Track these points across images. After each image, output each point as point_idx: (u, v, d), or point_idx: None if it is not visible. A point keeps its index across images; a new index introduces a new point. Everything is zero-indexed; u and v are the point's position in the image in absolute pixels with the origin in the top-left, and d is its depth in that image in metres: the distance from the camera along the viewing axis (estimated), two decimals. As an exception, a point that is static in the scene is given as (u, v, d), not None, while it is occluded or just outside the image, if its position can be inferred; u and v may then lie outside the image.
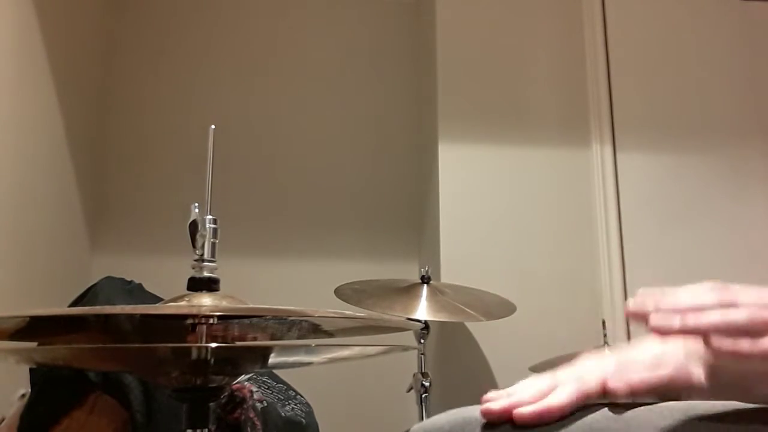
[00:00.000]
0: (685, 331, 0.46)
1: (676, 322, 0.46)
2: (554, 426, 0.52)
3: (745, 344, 0.45)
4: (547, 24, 2.32)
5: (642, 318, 0.48)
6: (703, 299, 0.48)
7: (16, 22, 1.77)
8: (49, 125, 1.99)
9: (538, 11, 2.33)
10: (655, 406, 0.53)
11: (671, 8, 2.36)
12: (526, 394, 0.54)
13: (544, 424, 0.51)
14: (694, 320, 0.46)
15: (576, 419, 0.52)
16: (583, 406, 0.53)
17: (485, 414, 0.54)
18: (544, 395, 0.53)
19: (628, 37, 2.32)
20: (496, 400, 0.54)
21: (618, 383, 0.54)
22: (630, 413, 0.52)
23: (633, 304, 0.49)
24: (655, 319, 0.47)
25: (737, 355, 0.46)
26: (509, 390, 0.55)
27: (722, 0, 2.38)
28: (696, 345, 0.55)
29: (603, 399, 0.54)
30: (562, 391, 0.53)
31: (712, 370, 0.56)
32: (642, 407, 0.52)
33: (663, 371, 0.56)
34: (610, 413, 0.52)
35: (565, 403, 0.53)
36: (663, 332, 0.47)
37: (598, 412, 0.53)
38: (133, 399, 1.17)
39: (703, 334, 0.46)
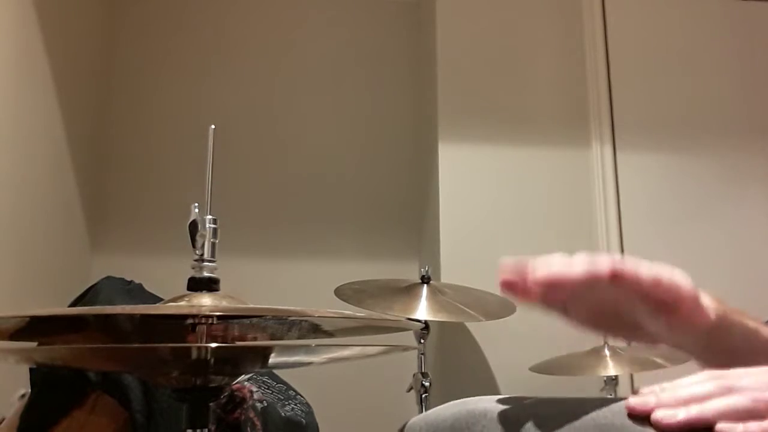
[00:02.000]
0: (690, 423, 0.46)
1: (680, 414, 0.47)
2: (563, 421, 0.52)
3: (753, 427, 0.45)
4: (547, 24, 2.32)
5: (645, 414, 0.48)
6: (703, 389, 0.48)
7: (16, 23, 1.77)
8: (49, 125, 1.99)
9: (538, 11, 2.33)
10: None
11: (671, 8, 2.36)
12: (540, 264, 0.61)
13: (555, 294, 0.58)
14: (697, 411, 0.46)
15: (584, 415, 0.52)
16: (596, 400, 0.54)
17: (501, 274, 0.60)
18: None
19: (628, 37, 2.32)
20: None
21: (625, 269, 0.57)
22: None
23: (634, 402, 0.49)
24: (658, 415, 0.47)
25: None
26: (523, 262, 0.62)
27: (722, 0, 2.38)
28: None
29: (611, 283, 0.57)
30: (573, 259, 0.59)
31: None
32: None
33: (673, 272, 0.60)
34: (617, 407, 0.52)
35: (574, 271, 0.58)
36: (668, 427, 0.47)
37: (605, 408, 0.53)
38: (133, 399, 1.17)
39: (709, 422, 0.47)
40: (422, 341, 1.71)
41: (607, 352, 1.75)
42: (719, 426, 0.46)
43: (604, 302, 0.62)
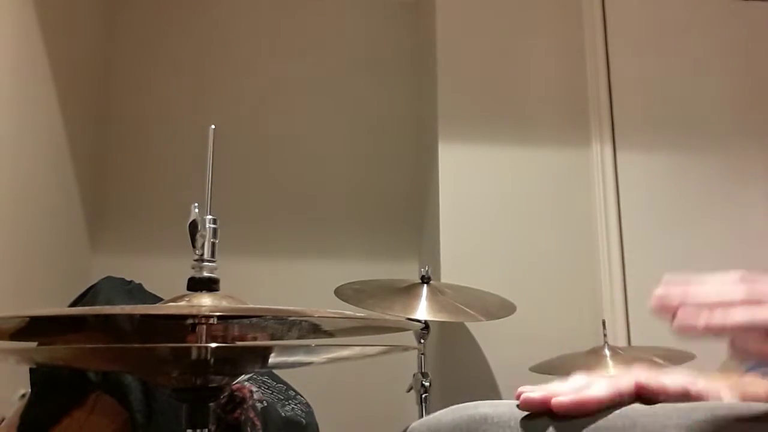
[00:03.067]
0: (710, 331, 0.45)
1: (701, 321, 0.45)
2: (581, 422, 0.52)
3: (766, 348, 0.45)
4: (547, 24, 2.32)
5: (668, 312, 0.47)
6: (730, 293, 0.47)
7: (17, 23, 1.77)
8: (49, 126, 1.99)
9: (538, 11, 2.33)
10: (682, 404, 0.53)
11: (671, 8, 2.36)
12: (563, 387, 0.55)
13: (581, 415, 0.52)
14: (719, 319, 0.45)
15: (603, 415, 0.52)
16: (616, 405, 0.53)
17: (524, 402, 0.55)
18: (581, 390, 0.54)
19: (628, 37, 2.32)
20: (533, 392, 0.55)
21: (651, 381, 0.54)
22: (658, 407, 0.52)
23: (659, 297, 0.48)
24: (680, 317, 0.46)
25: (762, 357, 0.45)
26: (543, 386, 0.56)
27: (722, 0, 2.38)
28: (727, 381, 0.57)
29: (635, 399, 0.55)
30: (598, 386, 0.54)
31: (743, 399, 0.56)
32: (670, 404, 0.53)
33: (696, 380, 0.56)
34: (639, 406, 0.52)
35: (602, 395, 0.53)
36: (688, 331, 0.46)
37: (626, 407, 0.53)
38: (133, 399, 1.17)
39: (729, 333, 0.46)
40: (422, 341, 1.71)
41: (607, 352, 1.75)
42: (737, 340, 0.44)
43: None
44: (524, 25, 2.31)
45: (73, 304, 1.36)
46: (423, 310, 1.63)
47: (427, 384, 1.67)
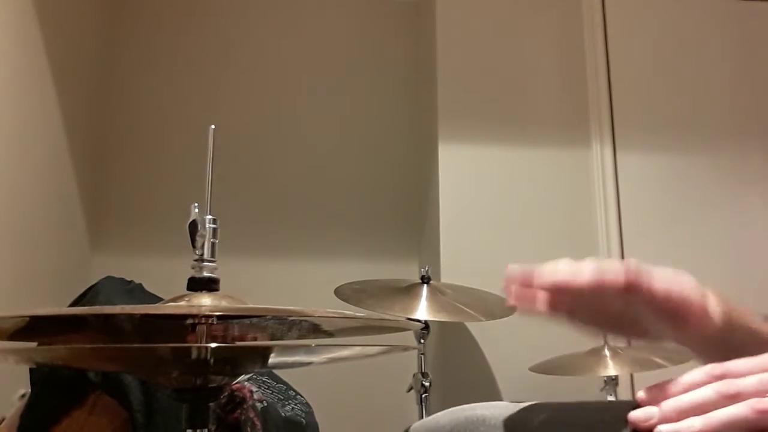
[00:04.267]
0: None
1: (683, 430, 0.46)
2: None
3: None
4: (547, 24, 2.32)
5: (648, 429, 0.48)
6: (704, 396, 0.48)
7: (16, 23, 1.77)
8: (49, 125, 1.98)
9: (539, 11, 2.33)
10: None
11: (671, 8, 2.36)
12: (549, 267, 0.60)
13: (559, 289, 0.58)
14: (699, 425, 0.46)
15: (579, 419, 0.52)
16: (593, 404, 0.54)
17: (506, 280, 0.60)
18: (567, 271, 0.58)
19: (628, 38, 2.32)
20: (519, 271, 0.60)
21: (641, 274, 0.56)
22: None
23: (636, 416, 0.49)
24: (662, 430, 0.47)
25: None
26: (531, 268, 0.61)
27: (722, 0, 2.38)
28: None
29: (621, 288, 0.57)
30: (581, 265, 0.58)
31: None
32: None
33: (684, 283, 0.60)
34: (614, 413, 0.52)
35: (582, 277, 0.57)
36: None
37: (602, 412, 0.53)
38: (133, 399, 1.17)
39: None
40: (422, 341, 1.71)
41: (607, 352, 1.75)
42: None
43: (610, 308, 0.63)
44: (524, 25, 2.31)
45: (73, 304, 1.36)
46: (423, 310, 1.63)
47: (427, 384, 1.67)
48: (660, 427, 0.47)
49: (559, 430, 0.52)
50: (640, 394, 0.50)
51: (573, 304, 0.64)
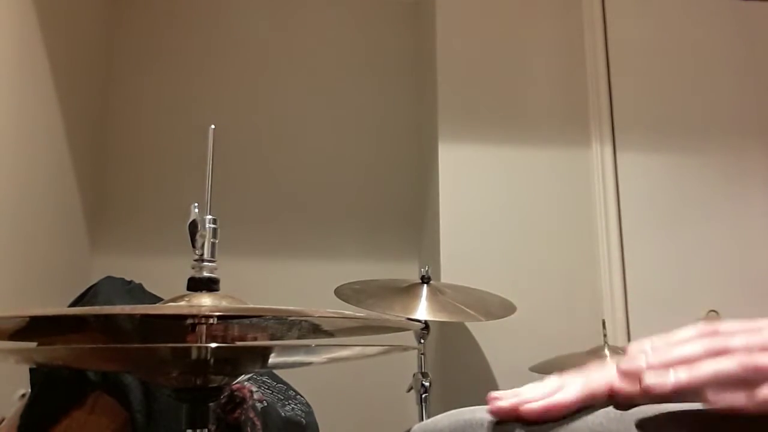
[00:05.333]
0: (679, 388, 0.46)
1: (668, 379, 0.46)
2: (554, 426, 0.52)
3: (740, 398, 0.45)
4: (547, 24, 2.32)
5: (635, 377, 0.48)
6: (692, 349, 0.48)
7: (16, 23, 1.77)
8: (49, 125, 1.99)
9: (538, 11, 2.33)
10: (659, 405, 0.53)
11: (671, 8, 2.36)
12: (533, 393, 0.55)
13: (550, 420, 0.53)
14: (685, 375, 0.46)
15: (577, 419, 0.52)
16: (588, 407, 0.53)
17: (494, 411, 0.55)
18: (551, 394, 0.54)
19: (628, 37, 2.32)
20: (504, 399, 0.55)
21: (626, 384, 0.54)
22: (632, 412, 0.52)
23: (624, 363, 0.49)
24: (647, 379, 0.47)
25: (734, 410, 0.46)
26: (515, 390, 0.56)
27: (722, 0, 2.38)
28: None
29: (609, 401, 0.55)
30: (568, 390, 0.54)
31: None
32: (645, 407, 0.52)
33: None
34: (612, 413, 0.52)
35: (571, 400, 0.53)
36: (658, 392, 0.47)
37: (600, 412, 0.53)
38: (133, 399, 1.17)
39: (698, 388, 0.46)
40: (422, 341, 1.71)
41: (607, 352, 1.75)
42: (707, 395, 0.45)
43: None
44: (524, 25, 2.31)
45: (73, 304, 1.36)
46: (423, 310, 1.63)
47: (427, 384, 1.67)
48: (646, 377, 0.47)
49: (555, 430, 0.52)
50: (629, 346, 0.50)
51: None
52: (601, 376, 0.54)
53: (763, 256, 2.17)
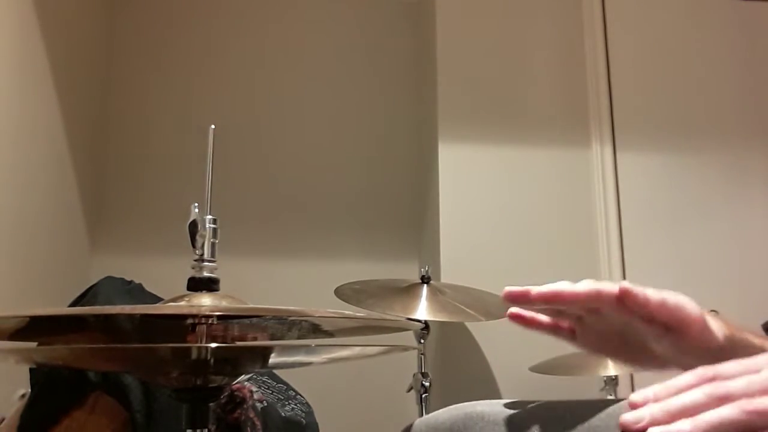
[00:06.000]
0: None
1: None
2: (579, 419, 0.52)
3: None
4: (547, 24, 2.32)
5: (640, 430, 0.49)
6: (694, 399, 0.48)
7: (16, 22, 1.77)
8: (49, 125, 1.99)
9: (538, 11, 2.33)
10: None
11: (671, 8, 2.36)
12: (544, 286, 0.59)
13: (558, 303, 0.56)
14: (690, 427, 0.46)
15: (578, 416, 0.52)
16: (591, 402, 0.54)
17: (506, 295, 0.58)
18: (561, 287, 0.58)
19: (628, 37, 2.32)
20: (515, 287, 0.59)
21: (635, 288, 0.56)
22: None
23: (626, 420, 0.49)
24: None
25: None
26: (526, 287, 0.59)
27: (722, 0, 2.38)
28: None
29: (615, 304, 0.57)
30: (578, 284, 0.58)
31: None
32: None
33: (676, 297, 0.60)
34: (611, 410, 0.52)
35: (579, 290, 0.57)
36: None
37: (600, 411, 0.53)
38: (133, 399, 1.17)
39: None
40: (422, 341, 1.71)
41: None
42: None
43: (610, 327, 0.63)
44: (524, 25, 2.31)
45: (73, 304, 1.36)
46: (423, 310, 1.63)
47: (427, 384, 1.67)
48: (651, 430, 0.47)
49: (557, 427, 0.52)
50: (632, 398, 0.50)
51: (575, 324, 0.64)
52: (612, 284, 0.56)
53: (763, 256, 2.16)
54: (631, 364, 0.70)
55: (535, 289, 0.57)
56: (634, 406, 0.49)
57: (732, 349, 0.63)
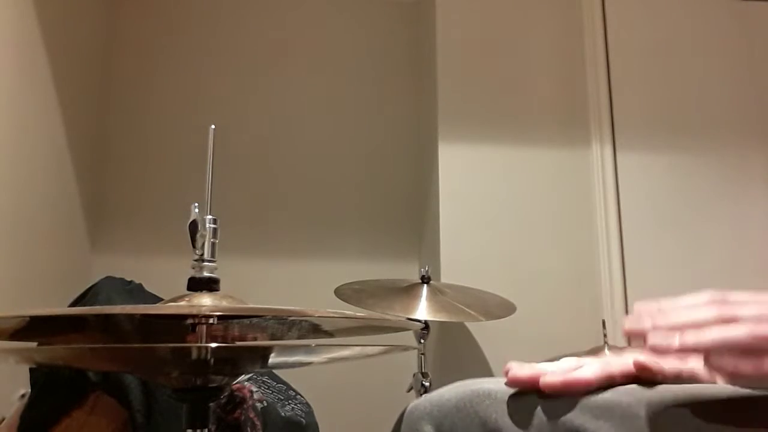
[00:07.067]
0: (685, 350, 0.46)
1: (674, 341, 0.46)
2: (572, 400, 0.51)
3: (746, 365, 0.45)
4: (547, 24, 2.32)
5: (640, 336, 0.48)
6: (701, 314, 0.47)
7: (16, 22, 1.77)
8: (49, 125, 1.99)
9: (538, 11, 2.33)
10: (676, 386, 0.52)
11: (671, 8, 2.36)
12: (552, 368, 0.54)
13: (569, 394, 0.52)
14: (693, 339, 0.45)
15: (595, 393, 0.52)
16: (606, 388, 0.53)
17: (511, 380, 0.54)
18: (570, 372, 0.53)
19: (628, 37, 2.32)
20: (522, 369, 0.54)
21: (650, 361, 0.54)
22: (649, 390, 0.51)
23: (630, 321, 0.48)
24: (653, 338, 0.46)
25: (738, 377, 0.45)
26: (531, 365, 0.55)
27: (722, 0, 2.38)
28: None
29: (629, 380, 0.54)
30: (587, 368, 0.54)
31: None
32: (663, 386, 0.52)
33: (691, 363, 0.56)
34: (623, 389, 0.52)
35: (591, 377, 0.53)
36: (661, 351, 0.46)
37: (618, 388, 0.52)
38: (133, 399, 1.17)
39: (703, 352, 0.46)
40: (422, 341, 1.71)
41: (607, 352, 1.74)
42: (712, 359, 0.45)
43: None
44: (524, 25, 2.31)
45: (73, 304, 1.36)
46: (423, 310, 1.63)
47: (427, 384, 1.67)
48: (652, 336, 0.47)
49: (565, 406, 0.51)
50: (636, 306, 0.49)
51: None
52: (620, 360, 0.54)
53: (763, 256, 2.16)
54: None
55: (544, 379, 0.53)
56: (638, 314, 0.48)
57: None
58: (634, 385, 0.52)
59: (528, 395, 0.53)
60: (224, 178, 2.29)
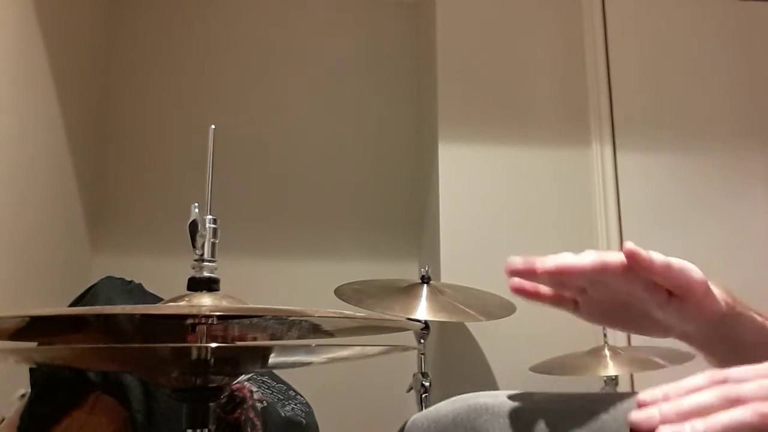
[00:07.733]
0: None
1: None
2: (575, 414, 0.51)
3: None
4: (547, 24, 2.32)
5: (649, 429, 0.48)
6: (706, 398, 0.47)
7: (16, 23, 1.77)
8: (49, 125, 1.99)
9: (538, 11, 2.33)
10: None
11: (671, 8, 2.36)
12: (548, 257, 0.59)
13: (562, 273, 0.56)
14: (702, 427, 0.45)
15: (583, 407, 0.52)
16: (595, 395, 0.53)
17: (510, 270, 0.58)
18: (566, 258, 0.58)
19: (628, 37, 2.32)
20: (519, 259, 0.59)
21: (641, 250, 0.56)
22: None
23: (637, 418, 0.48)
24: (663, 431, 0.47)
25: None
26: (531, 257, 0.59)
27: (722, 0, 2.38)
28: None
29: (621, 271, 0.56)
30: (583, 255, 0.58)
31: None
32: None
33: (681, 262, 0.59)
34: (619, 404, 0.52)
35: (584, 262, 0.57)
36: None
37: (604, 401, 0.52)
38: (133, 399, 1.17)
39: None
40: (422, 341, 1.71)
41: (607, 352, 1.75)
42: None
43: (613, 296, 0.63)
44: (524, 25, 2.31)
45: (73, 304, 1.36)
46: (423, 310, 1.63)
47: (427, 384, 1.67)
48: (662, 428, 0.47)
49: (561, 419, 0.52)
50: (641, 396, 0.50)
51: (577, 293, 0.64)
52: (616, 253, 0.56)
53: (763, 256, 2.16)
54: (633, 332, 0.70)
55: (540, 264, 0.57)
56: (643, 405, 0.49)
57: (733, 322, 0.62)
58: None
59: (525, 410, 0.54)
60: (224, 178, 2.29)
